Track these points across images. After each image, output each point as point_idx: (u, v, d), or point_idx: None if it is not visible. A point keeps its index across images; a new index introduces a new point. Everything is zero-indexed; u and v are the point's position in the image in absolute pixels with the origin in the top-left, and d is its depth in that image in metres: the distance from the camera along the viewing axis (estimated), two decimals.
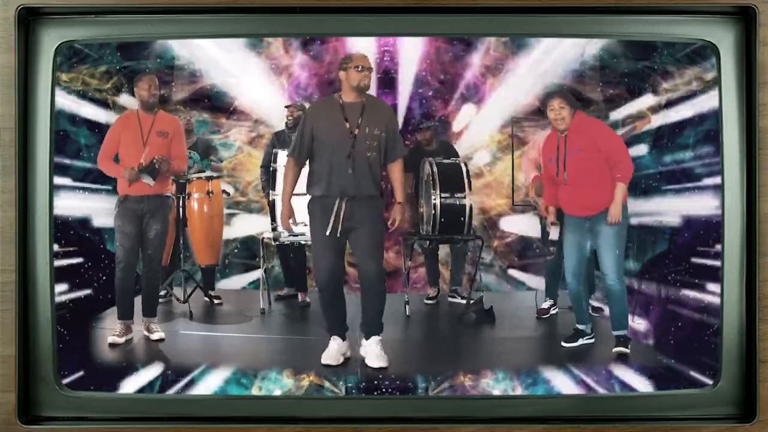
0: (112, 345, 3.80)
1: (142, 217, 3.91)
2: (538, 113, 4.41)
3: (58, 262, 3.12)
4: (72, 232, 3.56)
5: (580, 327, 3.87)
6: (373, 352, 3.65)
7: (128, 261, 3.89)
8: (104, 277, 3.89)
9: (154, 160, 3.85)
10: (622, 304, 3.74)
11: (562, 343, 3.82)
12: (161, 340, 3.92)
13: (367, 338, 3.70)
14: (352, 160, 3.64)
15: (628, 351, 3.68)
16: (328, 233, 3.63)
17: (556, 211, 3.96)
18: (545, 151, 3.89)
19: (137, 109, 3.91)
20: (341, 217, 3.65)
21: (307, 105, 4.60)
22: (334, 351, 3.68)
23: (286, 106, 4.67)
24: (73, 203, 3.55)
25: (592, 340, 3.82)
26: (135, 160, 3.86)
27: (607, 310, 3.90)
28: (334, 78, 4.07)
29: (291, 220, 3.75)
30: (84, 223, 3.76)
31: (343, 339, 3.72)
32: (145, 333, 3.94)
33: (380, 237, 3.73)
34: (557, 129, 3.77)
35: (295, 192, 3.77)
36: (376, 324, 3.70)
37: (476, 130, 4.86)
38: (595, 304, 4.23)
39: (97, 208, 3.86)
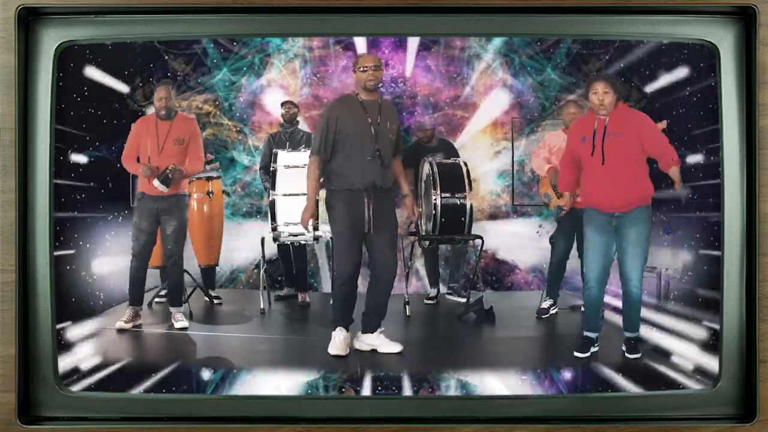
0: (120, 330, 3.96)
1: (158, 215, 4.03)
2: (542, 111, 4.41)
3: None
4: None
5: (591, 335, 3.69)
6: (384, 342, 3.77)
7: (142, 255, 4.05)
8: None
9: (168, 170, 3.94)
10: (638, 308, 3.64)
11: (575, 353, 3.65)
12: (185, 329, 4.05)
13: (372, 332, 3.79)
14: (379, 153, 3.73)
15: (639, 355, 3.61)
16: (366, 231, 3.73)
17: (571, 198, 3.85)
18: (576, 130, 3.67)
19: (155, 116, 4.02)
20: (371, 212, 3.73)
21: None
22: (341, 341, 3.72)
23: (283, 103, 4.67)
24: None
25: (597, 348, 3.70)
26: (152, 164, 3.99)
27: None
28: None
29: (312, 220, 3.83)
30: None
31: (348, 330, 3.77)
32: (173, 322, 4.09)
33: (396, 234, 3.87)
34: (596, 113, 3.55)
35: (287, 192, 3.93)
36: (381, 318, 3.81)
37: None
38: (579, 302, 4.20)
39: None
